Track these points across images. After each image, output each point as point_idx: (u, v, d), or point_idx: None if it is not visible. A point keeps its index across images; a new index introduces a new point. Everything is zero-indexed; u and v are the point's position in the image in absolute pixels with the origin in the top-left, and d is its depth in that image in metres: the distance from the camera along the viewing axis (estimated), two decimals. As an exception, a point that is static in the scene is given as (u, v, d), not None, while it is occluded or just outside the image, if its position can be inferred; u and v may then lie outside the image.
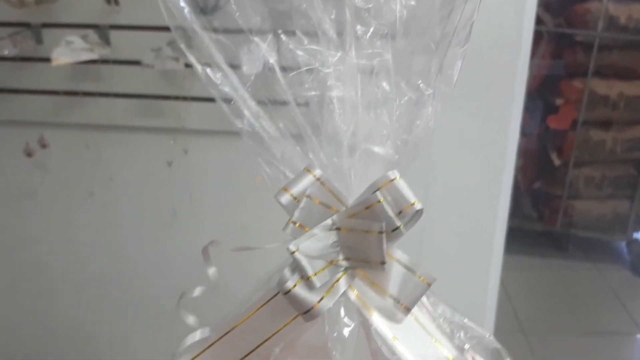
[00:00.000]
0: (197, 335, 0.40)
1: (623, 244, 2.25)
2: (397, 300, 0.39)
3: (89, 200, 1.23)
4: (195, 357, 0.40)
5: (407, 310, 0.40)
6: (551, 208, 2.16)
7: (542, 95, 2.11)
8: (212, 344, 0.40)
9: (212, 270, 0.41)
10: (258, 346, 0.40)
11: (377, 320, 0.40)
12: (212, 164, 1.17)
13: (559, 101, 2.05)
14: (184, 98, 1.12)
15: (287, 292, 0.38)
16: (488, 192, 1.22)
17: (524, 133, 1.99)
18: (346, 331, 0.41)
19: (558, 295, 2.02)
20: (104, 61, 1.07)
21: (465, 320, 0.47)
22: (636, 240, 2.21)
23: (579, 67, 1.98)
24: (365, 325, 0.42)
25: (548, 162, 2.13)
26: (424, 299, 0.44)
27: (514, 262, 1.85)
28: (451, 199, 1.14)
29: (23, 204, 1.23)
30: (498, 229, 1.26)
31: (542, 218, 2.21)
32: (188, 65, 1.05)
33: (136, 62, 1.06)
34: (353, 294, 0.40)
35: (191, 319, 0.41)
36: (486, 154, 1.18)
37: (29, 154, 1.19)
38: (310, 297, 0.38)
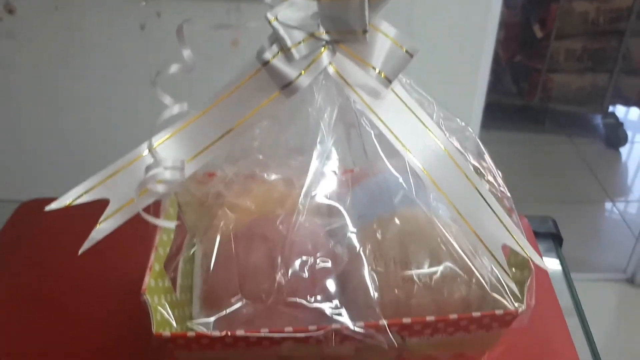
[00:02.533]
0: (175, 109, 0.40)
1: (599, 118, 2.28)
2: (379, 72, 0.39)
3: (62, 66, 1.19)
4: (174, 133, 0.40)
5: (388, 81, 0.39)
6: (531, 82, 2.16)
7: (527, -36, 2.05)
8: (193, 120, 0.40)
9: (187, 53, 0.40)
10: (239, 123, 0.40)
11: (358, 98, 0.40)
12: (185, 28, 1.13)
13: (544, -31, 1.99)
14: (155, -44, 1.06)
15: (266, 63, 0.37)
16: (468, 65, 1.20)
17: (507, 4, 1.94)
18: (327, 113, 0.41)
19: (533, 168, 2.07)
20: None
21: (448, 113, 0.47)
22: (612, 113, 2.24)
23: None
24: (345, 106, 0.43)
25: (530, 35, 2.10)
26: (407, 86, 0.44)
27: (491, 137, 1.87)
28: (429, 72, 1.13)
29: (-3, 72, 1.20)
30: (476, 103, 1.26)
31: (521, 92, 2.21)
32: None
33: None
34: (332, 70, 0.40)
35: (167, 99, 0.40)
36: (467, 25, 1.15)
37: (-5, 20, 1.14)
38: (290, 71, 0.38)
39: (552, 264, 0.62)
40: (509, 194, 0.48)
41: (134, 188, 0.38)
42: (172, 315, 0.41)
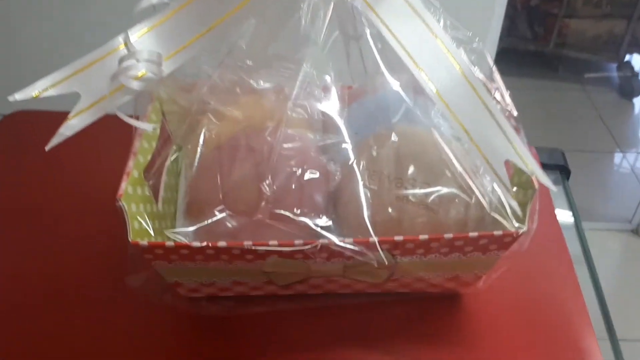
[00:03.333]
0: (154, -1, 0.36)
1: (614, 67, 2.21)
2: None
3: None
4: (153, 27, 0.37)
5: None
6: (546, 27, 2.09)
7: None
8: (173, 13, 0.37)
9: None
10: (224, 18, 0.36)
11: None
12: None
13: None
14: None
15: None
16: (481, 6, 1.15)
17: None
18: (322, 11, 0.38)
19: (543, 115, 2.02)
20: None
21: (455, 22, 0.43)
22: (627, 63, 2.17)
23: None
24: (341, 9, 0.39)
25: (548, -24, 2.02)
26: None
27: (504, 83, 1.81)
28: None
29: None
30: (489, 47, 1.21)
31: (536, 37, 2.14)
32: None
33: None
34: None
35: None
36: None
37: None
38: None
39: (559, 193, 0.59)
40: (515, 113, 0.45)
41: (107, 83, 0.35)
42: (150, 225, 0.39)
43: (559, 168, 0.62)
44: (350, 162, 0.41)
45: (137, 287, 0.41)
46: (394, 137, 0.43)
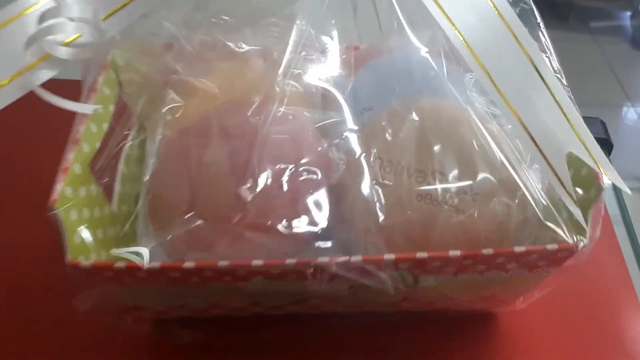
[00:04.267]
0: None
1: (627, 15, 2.09)
2: None
3: None
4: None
5: None
6: (558, -32, 1.96)
7: None
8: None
9: None
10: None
11: None
12: None
13: None
14: None
15: None
16: None
17: None
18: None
19: (552, 67, 1.91)
20: None
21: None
22: (642, 11, 2.05)
23: None
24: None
25: None
26: None
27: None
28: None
29: None
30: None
31: (546, -18, 2.01)
32: None
33: None
34: None
35: None
36: None
37: None
38: None
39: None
40: (565, 82, 0.35)
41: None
42: (91, 236, 0.29)
43: (599, 141, 0.52)
44: (357, 155, 0.31)
45: (87, 309, 0.32)
46: (414, 115, 0.33)
